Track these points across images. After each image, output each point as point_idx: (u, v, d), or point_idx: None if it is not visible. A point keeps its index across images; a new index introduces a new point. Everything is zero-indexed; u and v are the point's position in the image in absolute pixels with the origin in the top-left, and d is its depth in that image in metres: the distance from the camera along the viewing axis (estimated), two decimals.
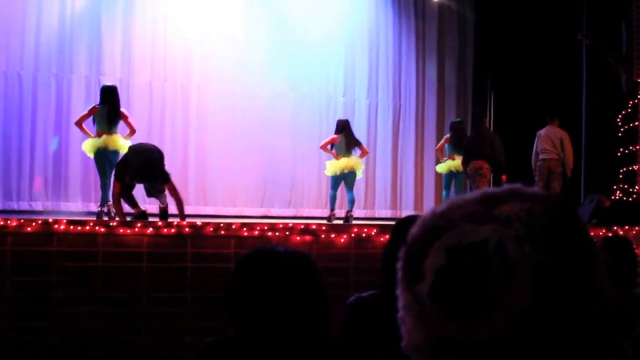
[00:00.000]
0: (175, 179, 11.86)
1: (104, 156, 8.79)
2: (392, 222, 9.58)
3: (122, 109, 9.08)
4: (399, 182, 13.19)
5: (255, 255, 2.05)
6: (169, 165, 11.89)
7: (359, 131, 12.97)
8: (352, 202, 10.09)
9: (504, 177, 9.99)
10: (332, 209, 10.24)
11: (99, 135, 8.86)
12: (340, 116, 12.78)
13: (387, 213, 12.77)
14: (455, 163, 10.55)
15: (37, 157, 11.29)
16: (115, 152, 8.79)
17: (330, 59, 12.96)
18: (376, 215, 12.59)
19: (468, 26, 13.71)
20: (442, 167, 10.98)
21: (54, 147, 11.35)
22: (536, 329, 0.82)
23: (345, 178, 10.04)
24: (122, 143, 8.79)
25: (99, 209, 8.98)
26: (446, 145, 11.07)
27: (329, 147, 10.23)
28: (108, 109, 8.80)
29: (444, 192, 11.13)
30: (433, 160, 13.35)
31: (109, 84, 9.55)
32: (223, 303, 1.99)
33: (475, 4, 13.55)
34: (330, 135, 10.60)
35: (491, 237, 0.83)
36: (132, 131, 9.10)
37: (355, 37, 13.18)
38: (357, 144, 10.13)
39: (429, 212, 0.94)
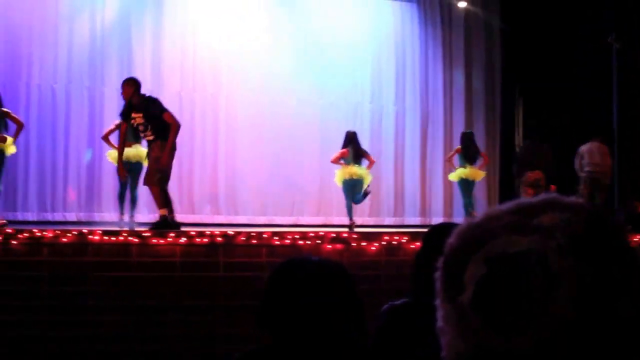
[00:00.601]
0: (205, 188, 12.03)
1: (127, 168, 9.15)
2: (422, 230, 9.60)
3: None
4: (428, 189, 13.16)
5: (290, 265, 2.07)
6: (199, 175, 12.04)
7: (387, 139, 13.02)
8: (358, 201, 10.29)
9: (552, 187, 10.00)
10: (351, 218, 10.37)
11: (128, 146, 9.11)
12: (367, 124, 12.84)
13: (417, 220, 12.74)
14: (466, 171, 10.83)
15: (70, 168, 11.46)
16: (139, 163, 9.26)
17: (357, 66, 13.00)
18: (405, 223, 12.56)
19: (495, 32, 13.66)
20: (453, 176, 11.17)
21: (87, 159, 11.52)
22: (578, 340, 0.82)
23: (355, 186, 10.22)
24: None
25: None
26: (457, 156, 11.28)
27: (340, 160, 10.42)
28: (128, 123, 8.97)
29: (465, 200, 11.20)
30: None
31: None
32: (257, 312, 2.02)
33: (502, 10, 13.49)
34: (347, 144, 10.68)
35: (532, 248, 0.84)
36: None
37: (382, 45, 13.20)
38: (365, 154, 10.32)
39: (466, 222, 0.95)
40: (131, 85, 8.93)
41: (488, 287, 0.84)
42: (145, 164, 9.20)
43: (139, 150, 9.42)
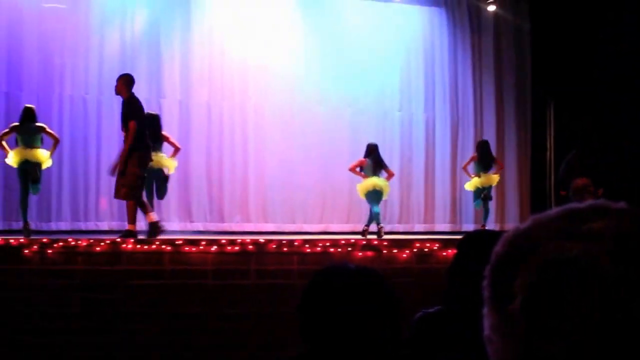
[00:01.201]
0: (235, 196, 12.10)
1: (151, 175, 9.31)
2: (453, 237, 9.58)
3: (163, 132, 9.67)
4: (458, 196, 13.09)
5: (328, 273, 2.08)
6: (229, 183, 12.11)
7: (417, 146, 12.99)
8: (372, 217, 10.38)
9: (600, 191, 9.94)
10: (378, 224, 10.35)
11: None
12: (397, 131, 12.83)
13: (447, 227, 12.68)
14: (481, 180, 11.03)
15: (102, 178, 11.57)
16: (160, 170, 9.50)
17: (386, 73, 12.99)
18: (436, 230, 12.51)
19: (525, 37, 13.56)
20: (470, 185, 11.34)
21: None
22: (631, 347, 0.81)
23: (376, 196, 10.38)
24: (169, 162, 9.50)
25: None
26: (472, 164, 11.42)
27: (357, 169, 10.63)
28: (151, 133, 9.15)
29: (476, 204, 11.45)
30: (492, 172, 13.22)
31: (152, 112, 9.91)
32: (295, 321, 2.04)
33: (531, 14, 13.40)
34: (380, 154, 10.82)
35: (583, 254, 0.83)
36: (177, 150, 9.65)
37: (411, 52, 13.18)
38: (384, 167, 10.48)
39: (513, 230, 0.94)
40: (119, 81, 8.96)
41: (539, 295, 0.84)
42: (172, 171, 9.33)
43: (159, 157, 9.36)
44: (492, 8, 13.20)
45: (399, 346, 2.10)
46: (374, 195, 10.39)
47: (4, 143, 9.17)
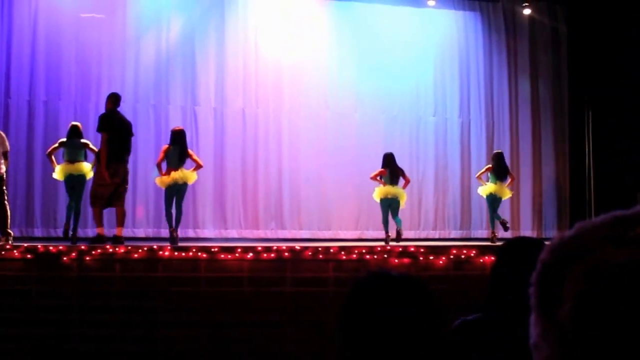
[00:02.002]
0: (270, 203, 12.13)
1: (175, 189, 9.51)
2: (490, 243, 9.47)
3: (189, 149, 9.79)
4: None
5: (370, 280, 2.05)
6: (264, 190, 12.14)
7: (452, 151, 12.91)
8: (399, 223, 10.68)
9: None
10: (386, 232, 10.60)
11: (168, 172, 9.46)
12: (432, 137, 12.78)
13: (483, 233, 12.57)
14: (496, 187, 11.11)
15: (138, 185, 11.70)
16: (186, 184, 9.59)
17: (420, 79, 12.96)
18: (472, 236, 12.41)
19: (561, 40, 13.42)
20: (484, 191, 11.36)
21: (155, 176, 11.72)
22: None
23: (390, 204, 10.64)
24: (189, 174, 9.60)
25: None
26: (487, 174, 11.44)
27: (378, 178, 10.89)
28: (180, 149, 9.48)
29: (491, 215, 11.44)
30: (530, 177, 13.09)
31: (178, 127, 10.02)
32: (332, 328, 2.01)
33: (568, 16, 13.26)
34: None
35: (631, 260, 0.82)
36: (199, 166, 9.78)
37: (445, 56, 13.12)
38: (402, 174, 10.74)
39: (558, 237, 0.93)
40: (107, 100, 9.34)
41: (588, 302, 0.83)
42: (190, 182, 9.64)
43: (184, 173, 9.59)
44: (527, 12, 13.08)
45: (440, 354, 2.07)
46: (388, 203, 10.67)
47: (52, 157, 9.65)
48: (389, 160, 10.80)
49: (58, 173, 9.54)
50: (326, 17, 12.74)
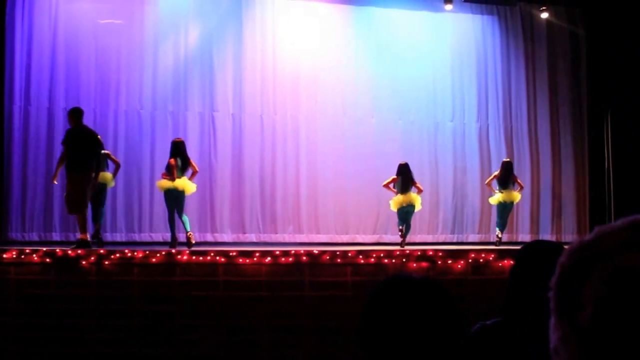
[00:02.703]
0: (287, 207, 12.16)
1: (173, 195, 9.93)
2: (509, 247, 9.43)
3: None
4: (514, 206, 12.89)
5: (390, 284, 2.04)
6: (281, 195, 12.16)
7: (470, 156, 12.86)
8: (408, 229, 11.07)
9: None
10: (402, 236, 10.89)
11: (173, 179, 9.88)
12: (449, 142, 12.75)
13: (503, 237, 12.51)
14: (502, 196, 11.35)
15: (155, 190, 11.73)
16: (184, 192, 9.98)
17: (437, 84, 12.93)
18: (491, 240, 12.36)
19: (579, 44, 13.34)
20: (494, 200, 11.61)
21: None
22: None
23: (407, 212, 10.93)
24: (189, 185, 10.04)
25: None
26: (494, 181, 11.60)
27: (391, 185, 11.15)
28: (182, 160, 10.00)
29: (498, 220, 11.61)
30: (550, 182, 12.99)
31: (178, 138, 10.40)
32: (350, 332, 2.00)
33: (586, 20, 13.17)
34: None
35: None
36: (196, 172, 10.20)
37: (463, 61, 13.08)
38: (413, 183, 11.00)
39: (577, 241, 0.93)
40: (70, 115, 9.73)
41: (608, 306, 0.83)
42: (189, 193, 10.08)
43: (185, 182, 9.98)
44: (545, 15, 13.01)
45: (459, 358, 2.06)
46: (405, 211, 10.95)
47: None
48: (402, 169, 11.04)
49: None
50: (343, 23, 12.75)
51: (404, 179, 10.97)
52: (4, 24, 11.32)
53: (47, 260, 8.15)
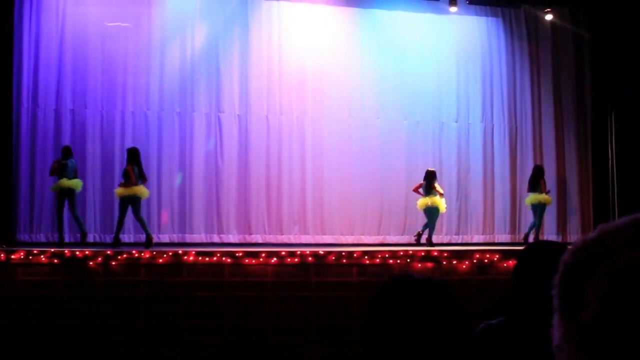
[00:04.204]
0: (293, 208, 12.21)
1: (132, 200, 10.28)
2: (513, 248, 9.45)
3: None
4: (518, 206, 12.93)
5: (394, 284, 2.06)
6: (287, 196, 12.22)
7: (474, 156, 12.89)
8: (425, 227, 11.60)
9: None
10: (430, 236, 11.45)
11: (129, 186, 10.20)
12: (454, 142, 12.79)
13: (507, 238, 12.53)
14: (530, 198, 11.90)
15: (163, 191, 11.82)
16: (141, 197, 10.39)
17: (442, 85, 12.95)
18: (496, 240, 12.38)
19: (583, 45, 13.34)
20: (527, 200, 12.07)
21: (179, 182, 11.85)
22: None
23: (432, 212, 11.40)
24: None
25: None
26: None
27: (419, 189, 11.66)
28: (139, 167, 10.36)
29: (535, 221, 11.92)
30: (554, 182, 13.00)
31: (134, 147, 10.67)
32: (356, 333, 2.04)
33: (590, 21, 13.18)
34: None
35: None
36: (145, 180, 10.52)
37: (468, 62, 13.10)
38: (434, 189, 11.43)
39: (580, 239, 0.93)
40: None
41: (611, 304, 0.83)
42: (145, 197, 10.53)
43: (142, 188, 10.42)
44: (549, 17, 13.03)
45: (463, 357, 2.09)
46: (430, 211, 11.39)
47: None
48: (426, 175, 11.53)
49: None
50: (349, 25, 12.78)
51: (427, 183, 11.42)
52: (12, 27, 11.39)
53: (55, 261, 8.21)
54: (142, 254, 8.33)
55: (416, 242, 11.44)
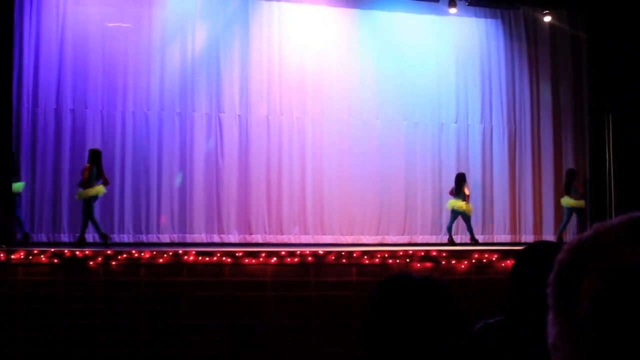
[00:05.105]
0: (293, 209, 12.24)
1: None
2: (512, 247, 9.48)
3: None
4: (517, 206, 12.97)
5: (392, 283, 2.07)
6: (287, 196, 12.25)
7: (473, 157, 12.93)
8: (469, 230, 11.90)
9: None
10: (473, 236, 11.86)
11: (90, 186, 10.33)
12: (453, 143, 12.83)
13: (507, 238, 12.56)
14: (565, 201, 12.20)
15: (163, 191, 11.84)
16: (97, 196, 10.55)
17: (442, 86, 12.98)
18: (495, 240, 12.42)
19: (581, 47, 13.38)
20: (565, 202, 12.34)
21: (179, 182, 11.88)
22: None
23: (462, 214, 11.72)
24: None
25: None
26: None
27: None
28: (98, 168, 10.45)
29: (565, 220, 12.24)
30: (552, 183, 13.05)
31: (96, 148, 10.77)
32: (355, 332, 2.05)
33: (588, 23, 13.21)
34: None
35: None
36: (107, 182, 10.61)
37: (467, 63, 13.14)
38: (463, 191, 11.72)
39: (575, 239, 0.95)
40: None
41: (606, 301, 0.84)
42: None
43: (100, 188, 10.47)
44: (548, 19, 13.07)
45: (461, 356, 2.09)
46: (456, 213, 11.77)
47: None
48: (456, 178, 11.90)
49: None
50: (349, 26, 12.81)
51: (457, 186, 11.77)
52: (13, 27, 11.40)
53: (55, 261, 8.23)
54: (142, 254, 8.35)
55: (475, 243, 11.63)
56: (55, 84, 11.65)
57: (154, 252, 8.41)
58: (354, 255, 8.40)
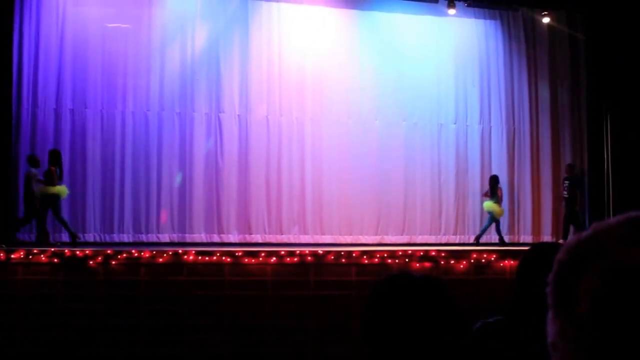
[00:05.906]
0: (293, 208, 12.27)
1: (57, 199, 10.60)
2: (511, 248, 9.50)
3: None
4: (516, 207, 13.00)
5: (391, 282, 2.08)
6: (287, 196, 12.27)
7: (473, 158, 12.96)
8: (498, 231, 12.21)
9: None
10: (480, 235, 12.21)
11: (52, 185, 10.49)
12: (452, 144, 12.87)
13: (506, 238, 12.59)
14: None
15: (163, 191, 11.85)
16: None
17: (441, 87, 13.01)
18: (493, 241, 12.45)
19: (579, 48, 13.42)
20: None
21: (179, 182, 11.89)
22: None
23: (489, 213, 12.13)
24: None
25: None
26: None
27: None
28: (60, 168, 10.68)
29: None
30: (550, 183, 13.08)
31: (56, 149, 10.93)
32: (354, 331, 2.07)
33: (586, 25, 13.25)
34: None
35: None
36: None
37: (466, 64, 13.17)
38: (495, 192, 12.13)
39: (574, 238, 0.95)
40: None
41: (604, 300, 0.84)
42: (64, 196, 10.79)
43: (64, 187, 10.72)
44: (546, 20, 13.10)
45: (460, 355, 2.10)
46: (489, 212, 12.13)
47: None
48: (490, 181, 12.25)
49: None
50: (348, 27, 12.84)
51: (490, 188, 12.14)
52: (12, 27, 11.42)
53: (55, 260, 8.25)
54: (142, 254, 8.37)
55: (503, 242, 11.84)
56: (55, 84, 11.66)
57: (154, 252, 8.43)
58: (354, 255, 8.42)
